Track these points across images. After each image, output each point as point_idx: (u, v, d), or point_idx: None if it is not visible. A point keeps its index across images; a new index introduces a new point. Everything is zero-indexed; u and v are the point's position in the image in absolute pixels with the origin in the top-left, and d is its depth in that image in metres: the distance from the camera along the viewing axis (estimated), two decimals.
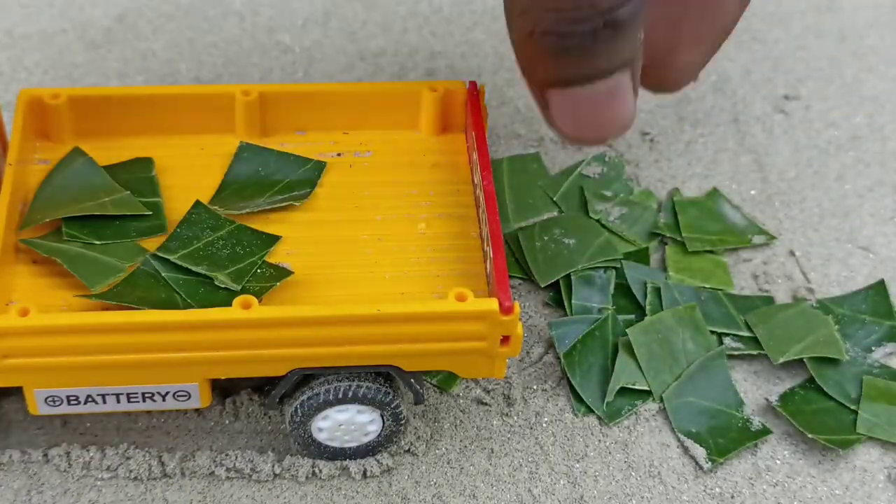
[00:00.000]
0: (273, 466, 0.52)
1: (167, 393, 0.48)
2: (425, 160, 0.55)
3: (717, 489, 0.52)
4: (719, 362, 0.55)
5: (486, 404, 0.55)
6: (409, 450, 0.53)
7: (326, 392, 0.49)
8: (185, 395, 0.49)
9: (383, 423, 0.51)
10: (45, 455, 0.52)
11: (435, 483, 0.52)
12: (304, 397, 0.49)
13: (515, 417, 0.55)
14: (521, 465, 0.53)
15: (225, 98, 0.54)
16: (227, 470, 0.52)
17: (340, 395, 0.49)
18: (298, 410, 0.50)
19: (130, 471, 0.51)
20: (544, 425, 0.54)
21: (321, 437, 0.51)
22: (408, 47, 0.73)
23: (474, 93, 0.55)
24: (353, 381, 0.49)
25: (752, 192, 0.65)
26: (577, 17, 0.47)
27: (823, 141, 0.68)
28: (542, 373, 0.56)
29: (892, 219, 0.64)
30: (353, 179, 0.54)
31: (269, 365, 0.48)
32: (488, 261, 0.49)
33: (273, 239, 0.51)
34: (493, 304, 0.46)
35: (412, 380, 0.50)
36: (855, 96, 0.71)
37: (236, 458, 0.52)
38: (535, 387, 0.56)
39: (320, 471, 0.52)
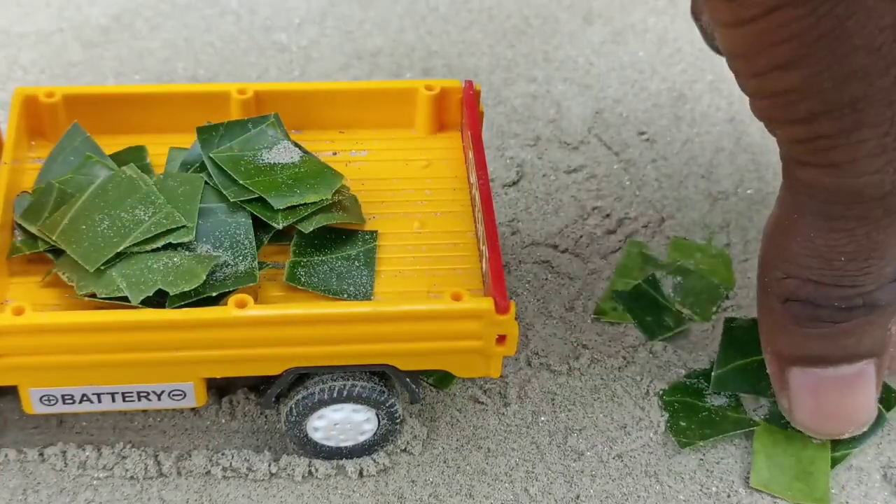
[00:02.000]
0: (269, 466, 0.52)
1: (162, 392, 0.48)
2: (421, 159, 0.55)
3: (714, 488, 0.52)
4: None
5: (482, 403, 0.55)
6: (405, 449, 0.53)
7: (322, 391, 0.49)
8: (181, 395, 0.49)
9: (379, 422, 0.51)
10: (41, 454, 0.52)
11: (431, 482, 0.52)
12: (300, 396, 0.49)
13: (512, 416, 0.55)
14: (517, 465, 0.53)
15: (221, 97, 0.54)
16: (224, 469, 0.52)
17: (336, 395, 0.49)
18: (294, 410, 0.50)
19: (126, 470, 0.51)
20: (541, 424, 0.54)
21: (317, 436, 0.51)
22: (404, 46, 0.73)
23: (470, 92, 0.55)
24: (349, 380, 0.49)
25: (749, 191, 0.65)
26: (838, 292, 0.45)
27: None
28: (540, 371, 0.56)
29: None
30: (349, 178, 0.54)
31: (264, 364, 0.48)
32: (484, 260, 0.49)
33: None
34: (488, 303, 0.46)
35: (408, 379, 0.50)
36: None
37: (232, 457, 0.52)
38: (532, 385, 0.56)
39: (317, 470, 0.52)
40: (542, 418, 0.55)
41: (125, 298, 0.46)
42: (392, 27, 0.75)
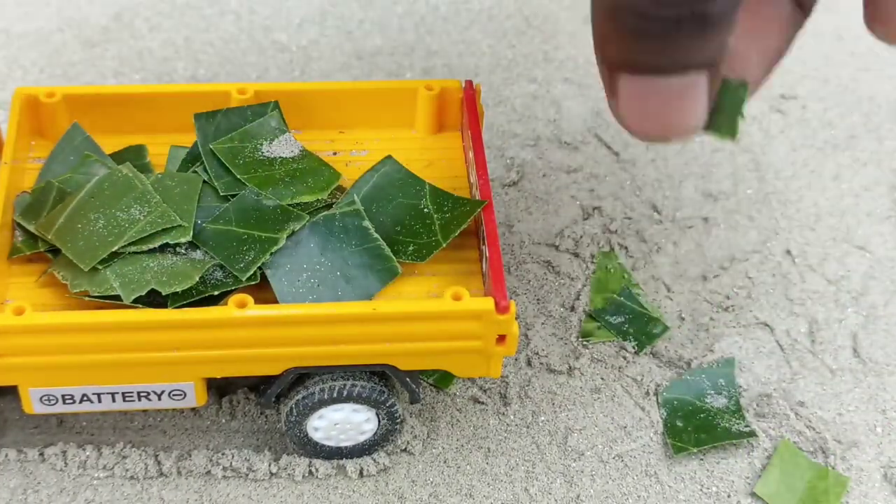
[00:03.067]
0: (269, 465, 0.52)
1: (163, 392, 0.48)
2: (421, 159, 0.55)
3: (714, 488, 0.52)
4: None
5: (482, 403, 0.55)
6: (405, 449, 0.53)
7: (322, 391, 0.49)
8: (181, 395, 0.49)
9: (379, 422, 0.51)
10: (42, 454, 0.52)
11: (431, 482, 0.52)
12: (300, 396, 0.49)
13: (512, 416, 0.55)
14: (517, 465, 0.53)
15: (221, 97, 0.54)
16: (224, 469, 0.52)
17: (336, 395, 0.49)
18: (294, 409, 0.50)
19: (127, 470, 0.51)
20: (541, 424, 0.54)
21: (317, 436, 0.51)
22: (404, 46, 0.73)
23: (470, 92, 0.55)
24: (349, 380, 0.49)
25: (749, 191, 0.65)
26: (665, 1, 0.45)
27: (820, 140, 0.68)
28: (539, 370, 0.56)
29: (889, 218, 0.64)
30: (349, 178, 0.54)
31: (264, 364, 0.48)
32: (484, 260, 0.49)
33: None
34: (488, 303, 0.46)
35: (408, 379, 0.49)
36: (851, 96, 0.71)
37: (233, 457, 0.52)
38: (532, 385, 0.56)
39: (317, 470, 0.52)
40: (542, 418, 0.55)
41: (117, 297, 0.46)
42: (392, 27, 0.75)
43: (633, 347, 0.57)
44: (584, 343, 0.57)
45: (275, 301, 0.47)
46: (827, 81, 0.72)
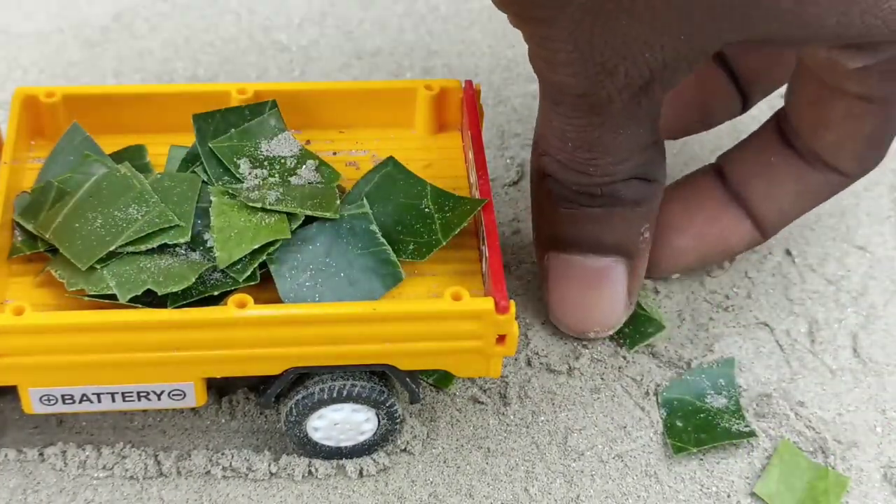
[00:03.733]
0: (269, 465, 0.52)
1: (162, 392, 0.48)
2: (421, 159, 0.55)
3: (714, 488, 0.52)
4: None
5: (482, 403, 0.55)
6: (405, 449, 0.53)
7: (321, 391, 0.49)
8: (181, 395, 0.49)
9: (379, 422, 0.51)
10: (41, 454, 0.52)
11: (431, 482, 0.52)
12: (300, 396, 0.49)
13: (512, 416, 0.55)
14: (517, 464, 0.53)
15: (221, 97, 0.54)
16: (224, 469, 0.52)
17: (336, 394, 0.49)
18: (294, 409, 0.50)
19: (126, 470, 0.51)
20: (541, 424, 0.54)
21: (317, 436, 0.51)
22: (404, 46, 0.73)
23: (470, 92, 0.55)
24: (349, 379, 0.49)
25: None
26: (574, 177, 0.49)
27: None
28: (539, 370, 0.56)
29: (889, 218, 0.64)
30: (349, 178, 0.54)
31: (264, 364, 0.48)
32: (484, 260, 0.49)
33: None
34: (488, 303, 0.46)
35: (408, 379, 0.49)
36: None
37: (232, 457, 0.52)
38: (532, 385, 0.56)
39: (316, 470, 0.52)
40: (542, 418, 0.55)
41: (114, 297, 0.46)
42: (392, 27, 0.75)
43: (626, 344, 0.57)
44: (583, 343, 0.57)
45: (275, 301, 0.47)
46: None
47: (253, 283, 0.47)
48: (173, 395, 0.49)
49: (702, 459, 0.53)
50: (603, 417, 0.55)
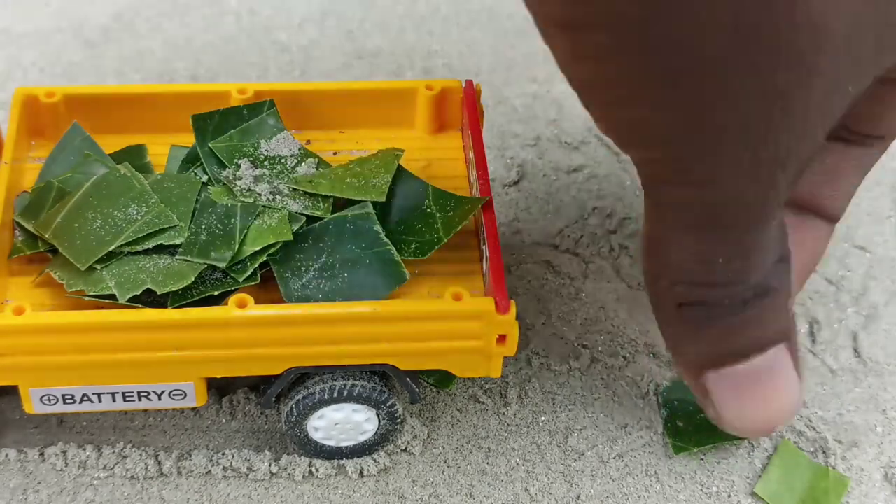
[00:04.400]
0: (270, 465, 0.52)
1: (163, 392, 0.48)
2: (421, 159, 0.55)
3: (714, 488, 0.52)
4: None
5: (482, 403, 0.55)
6: (405, 449, 0.53)
7: (322, 391, 0.49)
8: (181, 394, 0.49)
9: (379, 422, 0.51)
10: (42, 454, 0.52)
11: (432, 482, 0.52)
12: (300, 396, 0.49)
13: (512, 416, 0.55)
14: (517, 464, 0.53)
15: (221, 97, 0.54)
16: (224, 469, 0.52)
17: (336, 394, 0.49)
18: (294, 409, 0.50)
19: (127, 470, 0.51)
20: (541, 424, 0.54)
21: (317, 436, 0.51)
22: (405, 46, 0.73)
23: (471, 92, 0.55)
24: (349, 379, 0.49)
25: None
26: (726, 291, 0.44)
27: None
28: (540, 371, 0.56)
29: (889, 218, 0.64)
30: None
31: (264, 364, 0.48)
32: (484, 260, 0.49)
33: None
34: (489, 303, 0.46)
35: (408, 379, 0.49)
36: None
37: (233, 457, 0.52)
38: (532, 385, 0.56)
39: (317, 470, 0.52)
40: (543, 418, 0.55)
41: (113, 297, 0.46)
42: (392, 27, 0.75)
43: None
44: (583, 343, 0.57)
45: (276, 301, 0.47)
46: None
47: (253, 283, 0.47)
48: (174, 394, 0.49)
49: (702, 459, 0.53)
50: (603, 417, 0.55)
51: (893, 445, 0.54)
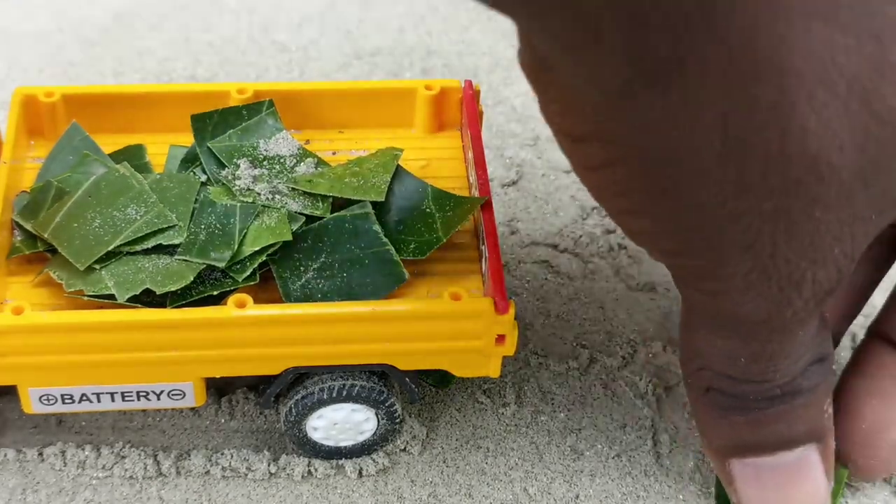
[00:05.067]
0: (268, 465, 0.52)
1: (162, 392, 0.48)
2: (421, 159, 0.55)
3: (714, 488, 0.52)
4: None
5: (481, 403, 0.55)
6: (404, 448, 0.53)
7: (321, 391, 0.49)
8: (180, 394, 0.49)
9: (378, 421, 0.51)
10: (41, 454, 0.52)
11: (431, 482, 0.52)
12: (299, 396, 0.49)
13: (511, 416, 0.55)
14: (516, 464, 0.53)
15: (220, 97, 0.54)
16: (223, 469, 0.52)
17: (335, 394, 0.49)
18: (293, 409, 0.50)
19: (126, 470, 0.51)
20: (540, 424, 0.54)
21: (316, 435, 0.51)
22: (404, 46, 0.73)
23: (470, 92, 0.55)
24: (348, 379, 0.49)
25: None
26: (750, 387, 0.44)
27: None
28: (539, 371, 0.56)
29: None
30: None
31: (263, 364, 0.48)
32: (484, 260, 0.49)
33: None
34: (488, 303, 0.46)
35: (407, 378, 0.50)
36: None
37: (232, 456, 0.52)
38: (531, 385, 0.56)
39: (316, 470, 0.52)
40: (542, 418, 0.55)
41: (112, 297, 0.46)
42: (392, 27, 0.75)
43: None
44: (583, 343, 0.57)
45: (275, 301, 0.47)
46: None
47: (252, 283, 0.47)
48: (173, 394, 0.49)
49: (702, 460, 0.53)
50: (603, 417, 0.55)
51: None
